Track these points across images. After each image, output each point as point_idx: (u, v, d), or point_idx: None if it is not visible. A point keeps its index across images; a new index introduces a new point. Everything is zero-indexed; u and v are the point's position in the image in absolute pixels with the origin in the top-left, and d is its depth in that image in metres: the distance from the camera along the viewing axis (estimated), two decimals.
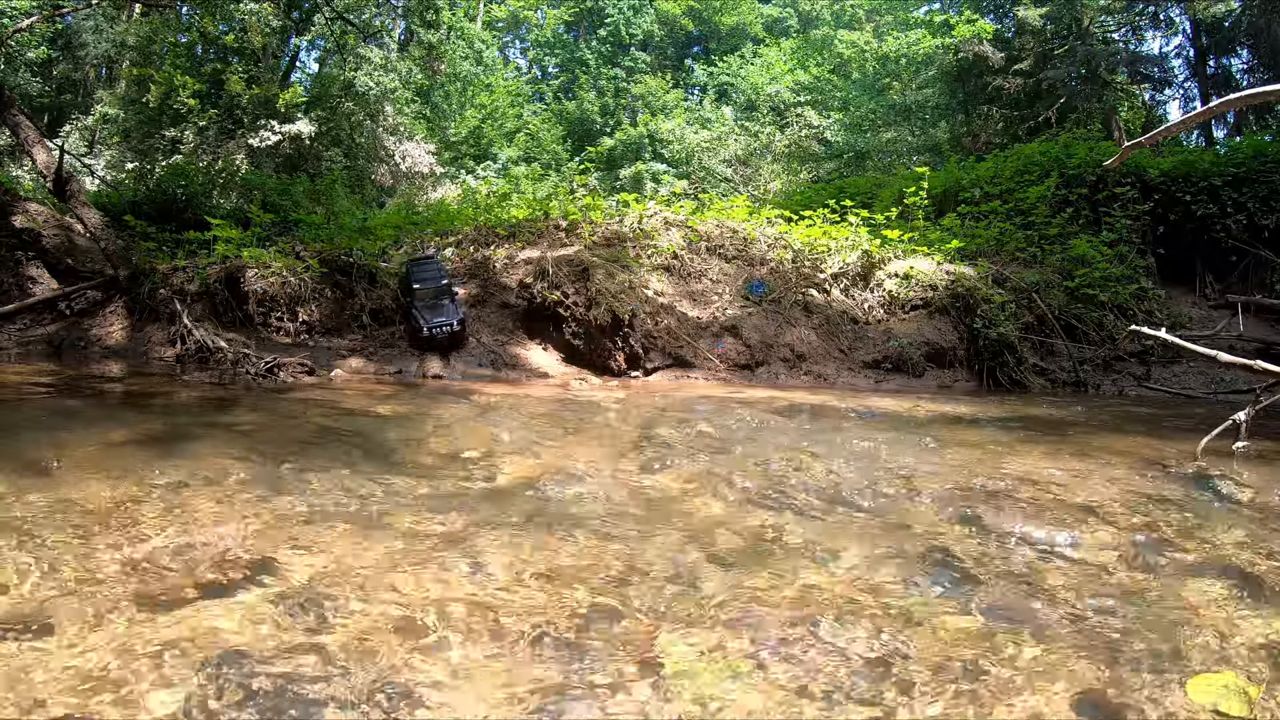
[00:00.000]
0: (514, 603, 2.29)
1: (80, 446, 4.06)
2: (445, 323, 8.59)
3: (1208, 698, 1.77)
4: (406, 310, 8.79)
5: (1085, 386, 9.30)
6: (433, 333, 8.49)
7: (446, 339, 8.62)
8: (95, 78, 25.85)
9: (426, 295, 8.81)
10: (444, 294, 8.90)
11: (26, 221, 11.10)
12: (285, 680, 1.79)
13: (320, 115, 22.80)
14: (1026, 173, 13.23)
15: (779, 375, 9.50)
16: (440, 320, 8.59)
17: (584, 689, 1.82)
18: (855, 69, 28.85)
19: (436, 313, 8.63)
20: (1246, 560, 2.81)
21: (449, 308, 8.77)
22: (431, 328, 8.51)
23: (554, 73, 43.09)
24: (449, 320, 8.62)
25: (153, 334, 9.59)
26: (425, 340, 8.50)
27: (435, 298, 8.81)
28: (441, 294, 8.88)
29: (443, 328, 8.57)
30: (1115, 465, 4.50)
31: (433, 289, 8.85)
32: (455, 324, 8.63)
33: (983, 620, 2.24)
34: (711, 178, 26.78)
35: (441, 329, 8.56)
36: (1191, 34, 20.91)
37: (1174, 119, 16.57)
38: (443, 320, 8.60)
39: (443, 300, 8.82)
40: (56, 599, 2.16)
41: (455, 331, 8.62)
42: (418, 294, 8.77)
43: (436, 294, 8.84)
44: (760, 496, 3.62)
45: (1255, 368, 5.40)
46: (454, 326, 8.62)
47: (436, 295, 8.83)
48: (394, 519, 3.03)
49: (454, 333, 8.62)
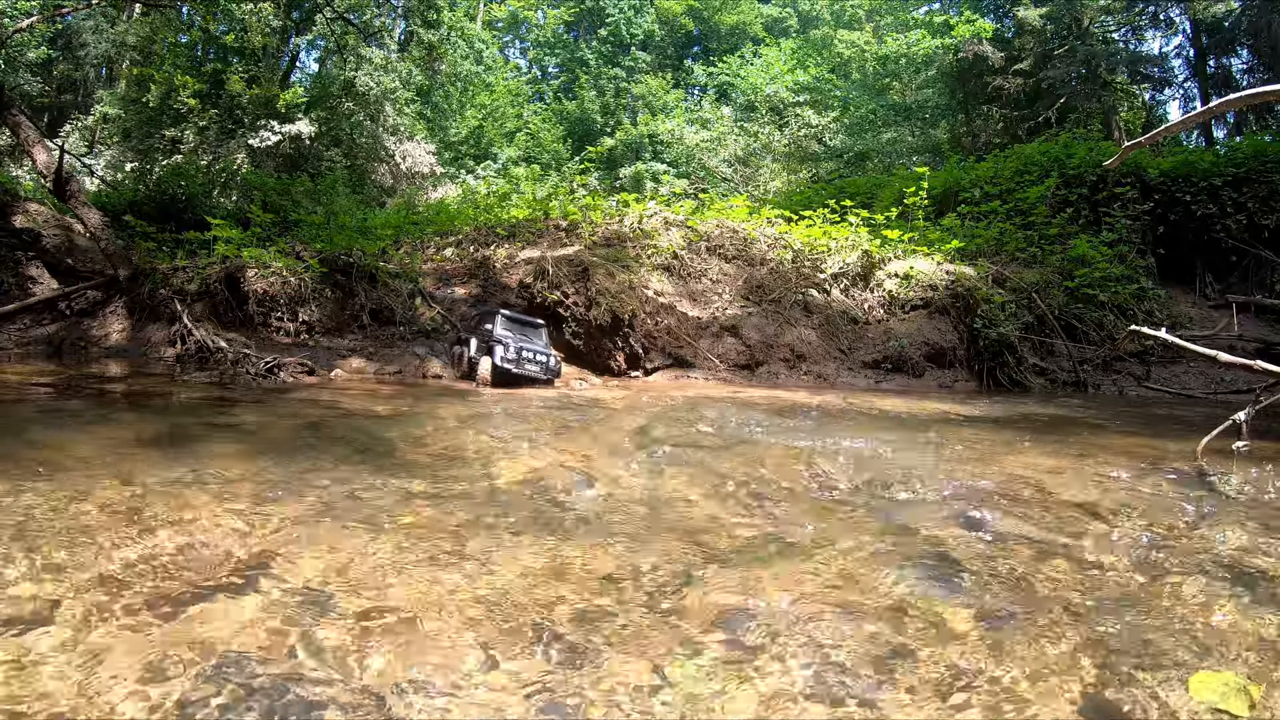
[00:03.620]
0: (514, 601, 2.29)
1: (81, 446, 4.06)
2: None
3: (1209, 695, 1.77)
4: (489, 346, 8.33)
5: (1085, 386, 9.30)
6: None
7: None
8: (95, 78, 25.84)
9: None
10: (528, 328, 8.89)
11: (27, 221, 11.11)
12: (285, 679, 1.79)
13: (320, 115, 22.80)
14: (1026, 173, 13.23)
15: (779, 375, 9.50)
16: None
17: (584, 687, 1.82)
18: (855, 69, 28.87)
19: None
20: (1247, 560, 2.81)
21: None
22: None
23: (554, 73, 43.12)
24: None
25: (153, 334, 9.60)
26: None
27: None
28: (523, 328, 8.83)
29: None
30: (1115, 465, 4.50)
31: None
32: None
33: (983, 618, 2.23)
34: (711, 178, 26.80)
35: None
36: (1191, 34, 20.93)
37: (1174, 119, 16.59)
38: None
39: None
40: (58, 597, 2.16)
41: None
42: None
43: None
44: (760, 496, 3.62)
45: (1255, 368, 5.39)
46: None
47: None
48: (395, 518, 3.03)
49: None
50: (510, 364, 7.83)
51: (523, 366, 7.93)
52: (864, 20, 32.18)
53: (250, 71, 23.03)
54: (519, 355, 7.93)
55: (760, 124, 27.88)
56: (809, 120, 26.41)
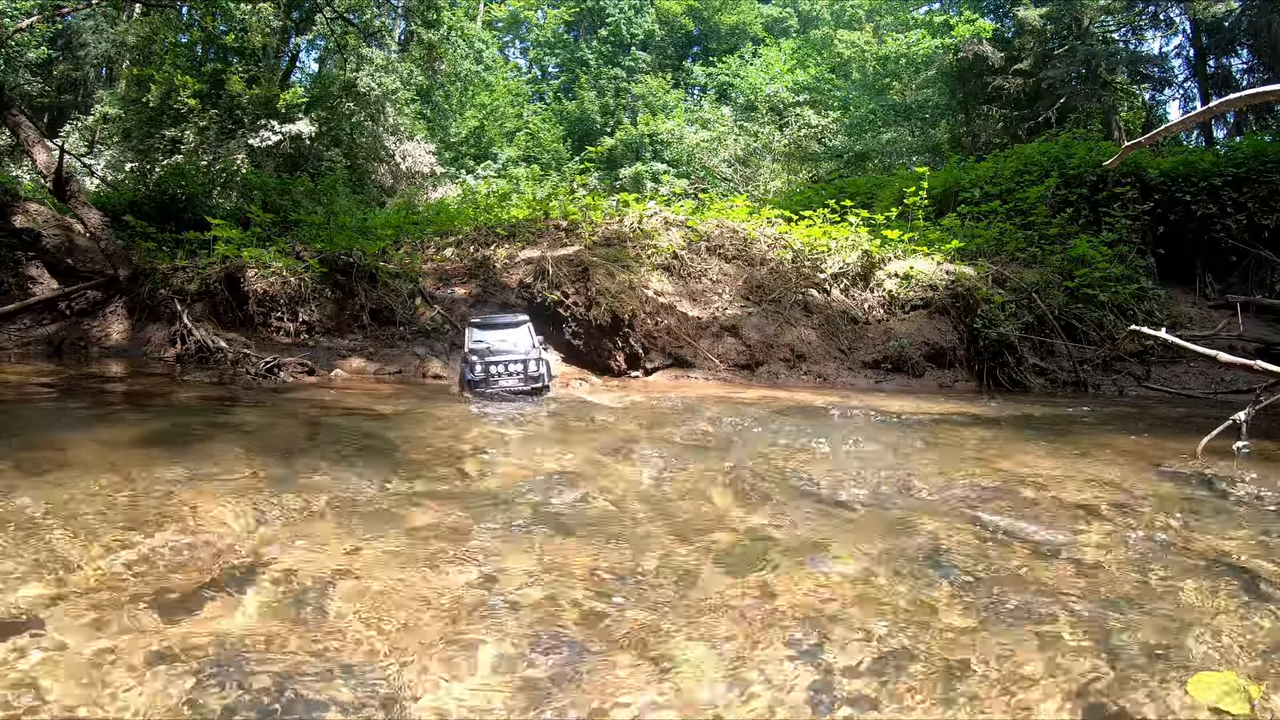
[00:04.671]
0: (513, 599, 2.29)
1: (82, 446, 4.06)
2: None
3: (1208, 696, 1.77)
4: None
5: (1085, 386, 9.30)
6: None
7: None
8: (95, 78, 25.83)
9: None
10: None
11: (27, 221, 11.11)
12: (285, 678, 1.79)
13: (320, 115, 22.80)
14: (1026, 173, 13.23)
15: (779, 375, 9.50)
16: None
17: (583, 685, 1.82)
18: (855, 69, 28.85)
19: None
20: (1247, 559, 2.81)
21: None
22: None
23: (554, 73, 43.10)
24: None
25: (153, 334, 9.61)
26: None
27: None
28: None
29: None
30: (1115, 465, 4.50)
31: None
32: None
33: (983, 618, 2.24)
34: (711, 178, 26.79)
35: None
36: (1191, 34, 20.91)
37: (1174, 119, 16.58)
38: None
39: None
40: (59, 596, 2.16)
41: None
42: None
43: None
44: (760, 496, 3.62)
45: (1255, 368, 5.40)
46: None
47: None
48: (395, 517, 3.03)
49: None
50: (479, 384, 7.17)
51: (493, 385, 7.17)
52: (864, 20, 32.18)
53: (250, 71, 23.02)
54: (487, 374, 7.20)
55: (760, 124, 27.87)
56: (809, 120, 26.41)
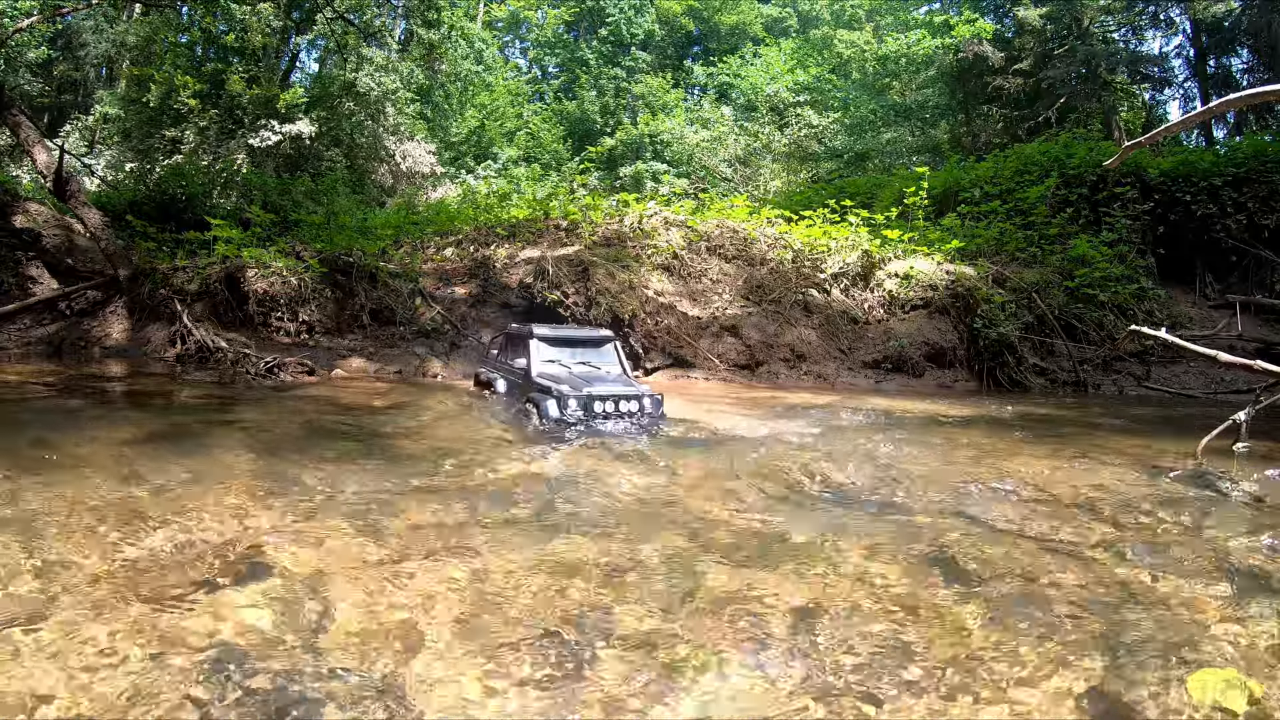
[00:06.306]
0: (512, 599, 2.29)
1: (82, 445, 4.06)
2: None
3: (1209, 694, 1.77)
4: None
5: (1085, 386, 9.30)
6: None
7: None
8: (95, 78, 25.83)
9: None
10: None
11: (27, 221, 11.10)
12: (285, 675, 1.79)
13: (320, 115, 22.78)
14: (1026, 173, 13.22)
15: (779, 375, 9.50)
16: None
17: (583, 684, 1.82)
18: (855, 69, 28.85)
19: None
20: (1247, 559, 2.81)
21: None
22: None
23: (554, 73, 43.09)
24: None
25: (153, 334, 9.60)
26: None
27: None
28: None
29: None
30: (1116, 465, 4.50)
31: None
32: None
33: (985, 617, 2.24)
34: (711, 178, 26.78)
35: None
36: (1191, 34, 20.92)
37: (1174, 119, 16.58)
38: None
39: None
40: (59, 594, 2.16)
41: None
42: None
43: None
44: (760, 495, 3.62)
45: (1255, 368, 5.40)
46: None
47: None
48: (396, 516, 3.03)
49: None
50: (572, 424, 5.12)
51: (594, 420, 5.18)
52: (864, 20, 32.18)
53: (250, 71, 23.02)
54: (589, 412, 5.20)
55: (760, 124, 27.87)
56: (809, 120, 26.41)
